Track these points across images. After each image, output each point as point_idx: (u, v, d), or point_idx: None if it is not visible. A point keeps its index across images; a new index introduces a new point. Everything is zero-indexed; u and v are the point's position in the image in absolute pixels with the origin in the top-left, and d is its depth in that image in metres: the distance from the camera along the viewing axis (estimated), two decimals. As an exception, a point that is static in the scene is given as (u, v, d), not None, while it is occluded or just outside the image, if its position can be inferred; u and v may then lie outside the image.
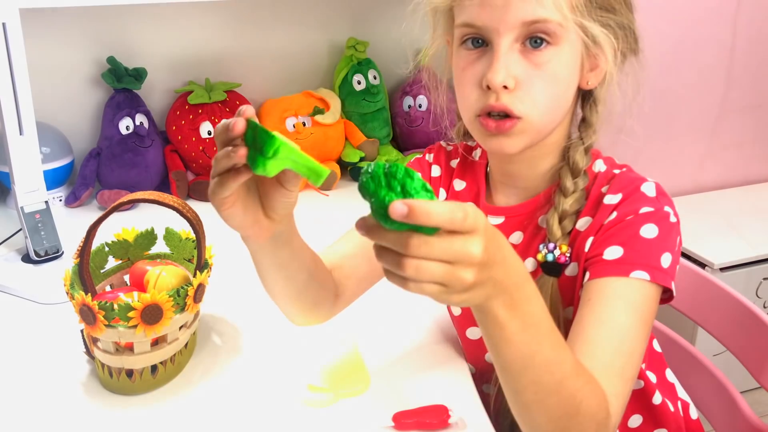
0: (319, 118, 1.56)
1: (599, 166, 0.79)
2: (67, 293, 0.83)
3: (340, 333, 0.91)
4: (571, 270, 0.77)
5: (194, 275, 0.86)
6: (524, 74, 0.71)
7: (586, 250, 0.74)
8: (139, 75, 1.47)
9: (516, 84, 0.71)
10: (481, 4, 0.71)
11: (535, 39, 0.71)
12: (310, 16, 1.63)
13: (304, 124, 1.56)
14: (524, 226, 0.81)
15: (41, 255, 1.15)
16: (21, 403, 0.83)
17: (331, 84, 1.68)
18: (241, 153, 0.60)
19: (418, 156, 0.93)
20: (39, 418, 0.81)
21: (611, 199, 0.75)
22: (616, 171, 0.78)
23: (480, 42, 0.73)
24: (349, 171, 1.61)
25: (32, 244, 1.14)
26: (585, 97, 0.78)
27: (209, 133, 1.49)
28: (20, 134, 1.10)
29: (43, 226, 1.15)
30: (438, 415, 0.79)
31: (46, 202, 1.16)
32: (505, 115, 0.72)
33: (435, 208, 0.48)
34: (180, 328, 0.86)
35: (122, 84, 1.46)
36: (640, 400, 0.85)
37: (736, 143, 2.07)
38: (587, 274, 0.73)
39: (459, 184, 0.89)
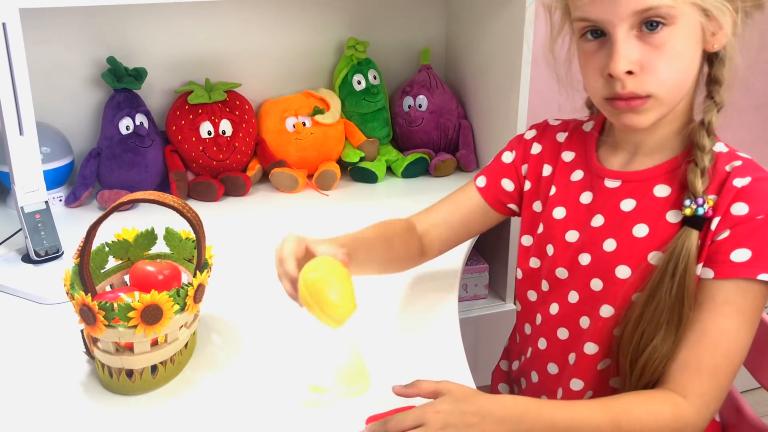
0: (319, 118, 1.56)
1: (720, 147, 0.83)
2: (67, 293, 0.83)
3: (340, 334, 0.91)
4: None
5: (194, 275, 0.86)
6: (646, 58, 0.74)
7: (713, 228, 0.77)
8: (139, 75, 1.47)
9: (640, 68, 0.75)
10: (592, 1, 0.75)
11: (650, 23, 0.73)
12: (310, 16, 1.63)
13: (304, 124, 1.56)
14: (639, 195, 0.84)
15: (41, 255, 1.15)
16: (21, 403, 0.83)
17: (331, 84, 1.68)
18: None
19: (520, 133, 1.01)
20: (39, 418, 0.81)
21: (739, 182, 0.78)
22: (741, 154, 0.82)
23: (598, 33, 0.77)
24: (349, 171, 1.61)
25: (32, 244, 1.14)
26: (710, 57, 0.80)
27: (209, 133, 1.49)
28: (20, 134, 1.10)
29: (43, 226, 1.15)
30: None
31: (46, 202, 1.16)
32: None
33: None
34: (180, 328, 0.86)
35: (122, 84, 1.46)
36: None
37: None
38: (710, 272, 0.77)
39: (568, 156, 0.93)
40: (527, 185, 0.97)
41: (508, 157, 1.00)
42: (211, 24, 1.56)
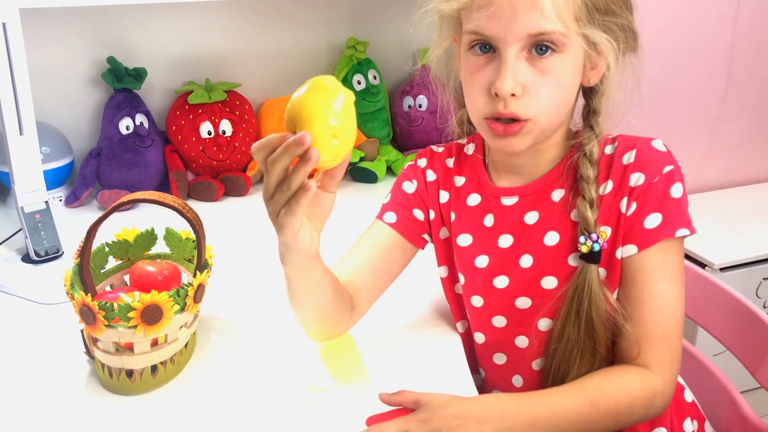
0: (319, 118, 1.56)
1: None
2: (67, 293, 0.83)
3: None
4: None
5: (194, 275, 0.86)
6: (531, 81, 0.75)
7: (623, 210, 0.79)
8: (139, 75, 1.48)
9: (523, 90, 0.75)
10: (489, 16, 0.74)
11: (540, 47, 0.74)
12: (310, 16, 1.63)
13: (304, 124, 1.56)
14: (539, 205, 0.85)
15: (41, 255, 1.15)
16: (21, 403, 0.83)
17: (331, 84, 1.68)
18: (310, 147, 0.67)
19: (410, 163, 0.96)
20: (39, 418, 0.81)
21: (628, 158, 0.80)
22: (611, 135, 0.83)
23: (487, 48, 0.76)
24: (349, 171, 1.60)
25: (32, 244, 1.14)
26: (587, 91, 0.83)
27: (209, 133, 1.49)
28: (20, 134, 1.10)
29: (43, 226, 1.15)
30: None
31: (46, 202, 1.16)
32: (513, 119, 0.77)
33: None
34: (180, 328, 0.86)
35: (122, 84, 1.46)
36: None
37: (736, 143, 2.07)
38: (633, 248, 0.79)
39: (459, 180, 0.92)
40: (432, 214, 0.93)
41: (409, 187, 0.93)
42: (211, 24, 1.56)
